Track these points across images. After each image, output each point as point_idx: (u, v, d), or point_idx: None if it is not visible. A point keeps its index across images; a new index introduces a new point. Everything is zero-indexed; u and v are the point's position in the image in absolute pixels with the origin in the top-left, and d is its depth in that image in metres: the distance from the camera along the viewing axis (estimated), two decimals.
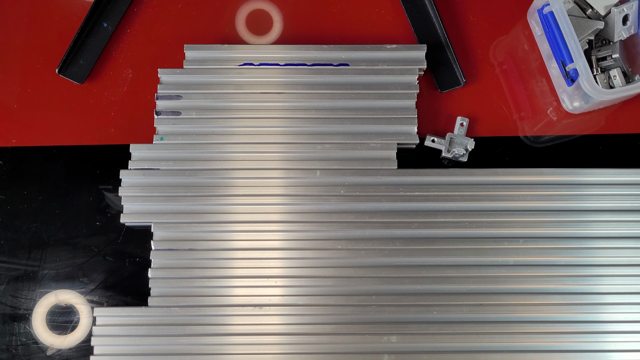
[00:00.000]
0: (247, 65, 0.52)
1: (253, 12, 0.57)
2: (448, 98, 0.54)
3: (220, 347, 0.47)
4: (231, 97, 0.52)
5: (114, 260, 0.51)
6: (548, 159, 0.53)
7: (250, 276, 0.48)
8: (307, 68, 0.52)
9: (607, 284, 0.49)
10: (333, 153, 0.51)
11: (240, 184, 0.50)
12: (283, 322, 0.48)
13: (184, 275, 0.48)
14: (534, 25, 0.55)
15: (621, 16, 0.51)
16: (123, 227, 0.51)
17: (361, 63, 0.52)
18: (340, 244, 0.49)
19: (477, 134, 0.54)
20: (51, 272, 0.50)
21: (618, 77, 0.51)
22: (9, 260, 0.51)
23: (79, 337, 0.49)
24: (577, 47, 0.49)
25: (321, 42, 0.55)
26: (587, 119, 0.54)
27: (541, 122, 0.54)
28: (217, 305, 0.48)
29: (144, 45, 0.55)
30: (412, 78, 0.52)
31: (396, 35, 0.56)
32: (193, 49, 0.52)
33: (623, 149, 0.54)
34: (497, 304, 0.48)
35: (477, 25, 0.56)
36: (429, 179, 0.50)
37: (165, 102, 0.51)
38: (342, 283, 0.48)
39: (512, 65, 0.55)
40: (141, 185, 0.50)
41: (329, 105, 0.51)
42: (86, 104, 0.54)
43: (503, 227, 0.49)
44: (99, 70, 0.55)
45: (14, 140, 0.53)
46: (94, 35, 0.55)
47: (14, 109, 0.54)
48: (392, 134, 0.51)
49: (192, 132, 0.51)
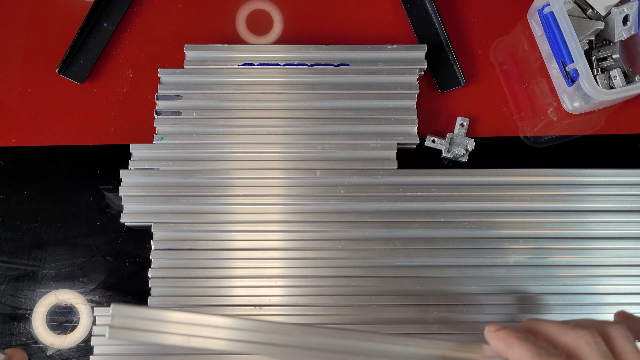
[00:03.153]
0: (248, 65, 0.52)
1: (253, 12, 0.57)
2: (448, 98, 0.54)
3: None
4: (231, 97, 0.52)
5: (114, 260, 0.51)
6: (548, 159, 0.53)
7: (250, 276, 0.48)
8: (307, 68, 0.52)
9: (607, 285, 0.49)
10: (333, 153, 0.51)
11: (240, 184, 0.50)
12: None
13: (184, 275, 0.48)
14: (534, 26, 0.55)
15: (621, 16, 0.51)
16: (123, 227, 0.51)
17: (361, 63, 0.52)
18: (340, 244, 0.49)
19: (478, 134, 0.54)
20: (51, 272, 0.50)
21: (618, 77, 0.51)
22: (9, 260, 0.51)
23: (79, 337, 0.49)
24: (577, 48, 0.49)
25: (321, 42, 0.55)
26: (587, 119, 0.54)
27: (541, 123, 0.54)
28: (217, 305, 0.48)
29: (144, 45, 0.55)
30: (412, 78, 0.52)
31: (396, 35, 0.56)
32: (193, 49, 0.52)
33: (623, 149, 0.54)
34: (497, 304, 0.48)
35: (477, 25, 0.56)
36: (429, 179, 0.50)
37: (165, 102, 0.51)
38: (342, 283, 0.48)
39: (513, 66, 0.55)
40: (141, 185, 0.50)
41: (329, 106, 0.51)
42: (86, 104, 0.54)
43: (503, 227, 0.49)
44: (99, 70, 0.55)
45: (14, 140, 0.53)
46: (94, 35, 0.55)
47: (14, 108, 0.54)
48: (392, 134, 0.51)
49: (193, 132, 0.51)
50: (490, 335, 0.38)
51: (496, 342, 0.37)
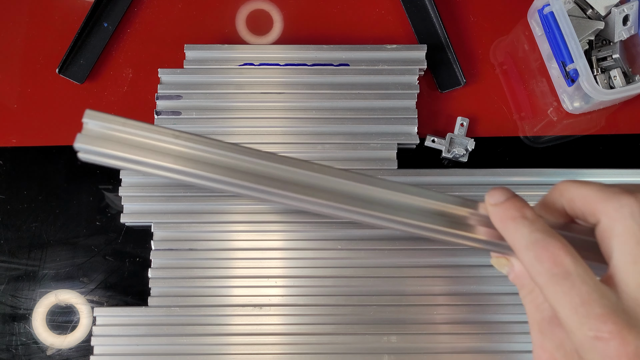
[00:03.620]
0: (248, 65, 0.52)
1: (253, 12, 0.57)
2: (448, 98, 0.54)
3: (220, 347, 0.47)
4: (231, 97, 0.52)
5: (114, 260, 0.51)
6: (548, 160, 0.53)
7: (250, 276, 0.48)
8: (307, 68, 0.52)
9: None
10: (333, 153, 0.51)
11: None
12: (283, 322, 0.48)
13: (184, 275, 0.48)
14: (534, 26, 0.55)
15: (621, 16, 0.51)
16: (123, 227, 0.51)
17: (361, 63, 0.52)
18: (341, 244, 0.49)
19: (478, 134, 0.54)
20: (51, 272, 0.50)
21: (618, 77, 0.51)
22: (9, 260, 0.51)
23: (79, 337, 0.49)
24: (577, 48, 0.49)
25: (321, 42, 0.55)
26: (587, 119, 0.54)
27: (541, 123, 0.54)
28: (217, 305, 0.48)
29: (144, 45, 0.55)
30: (412, 78, 0.52)
31: (396, 35, 0.56)
32: (193, 48, 0.52)
33: (623, 149, 0.54)
34: (498, 304, 0.48)
35: (477, 25, 0.56)
36: (429, 179, 0.50)
37: (165, 102, 0.51)
38: (342, 283, 0.48)
39: (513, 66, 0.55)
40: (141, 185, 0.50)
41: (329, 106, 0.51)
42: (86, 104, 0.54)
43: None
44: (99, 70, 0.55)
45: (14, 140, 0.53)
46: (94, 35, 0.55)
47: (14, 108, 0.54)
48: (392, 134, 0.51)
49: (192, 132, 0.50)
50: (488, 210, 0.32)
51: (493, 220, 0.32)
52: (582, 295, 0.27)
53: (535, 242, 0.29)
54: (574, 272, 0.27)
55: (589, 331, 0.26)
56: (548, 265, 0.28)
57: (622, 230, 0.28)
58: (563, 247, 0.28)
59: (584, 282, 0.27)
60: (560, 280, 0.27)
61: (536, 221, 0.30)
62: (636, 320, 0.26)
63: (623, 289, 0.27)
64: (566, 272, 0.27)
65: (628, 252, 0.27)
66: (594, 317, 0.26)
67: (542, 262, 0.28)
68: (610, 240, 0.28)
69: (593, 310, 0.26)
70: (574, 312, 0.27)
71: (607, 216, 0.28)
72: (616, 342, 0.25)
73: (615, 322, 0.26)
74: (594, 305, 0.26)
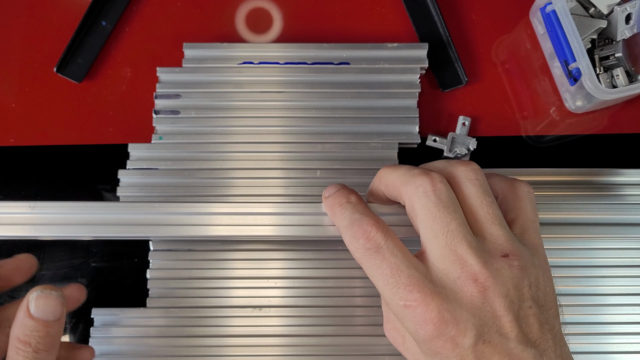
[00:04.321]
0: (247, 63, 0.52)
1: (253, 10, 0.56)
2: (450, 97, 0.54)
3: (219, 348, 0.47)
4: (231, 96, 0.51)
5: (113, 261, 0.50)
6: (550, 159, 0.53)
7: (249, 277, 0.48)
8: (307, 67, 0.52)
9: (608, 285, 0.49)
10: (333, 153, 0.50)
11: (240, 184, 0.49)
12: (283, 323, 0.47)
13: (183, 276, 0.48)
14: (536, 24, 0.55)
15: (624, 15, 0.50)
16: None
17: (362, 62, 0.52)
18: (341, 244, 0.48)
19: (479, 134, 0.53)
20: (49, 273, 0.50)
21: (621, 76, 0.51)
22: None
23: (77, 339, 0.49)
24: (579, 46, 0.48)
25: (322, 40, 0.55)
26: (589, 118, 0.54)
27: (544, 122, 0.54)
28: (216, 307, 0.47)
29: (142, 43, 0.55)
30: (413, 77, 0.52)
31: (397, 33, 0.56)
32: (192, 47, 0.52)
33: (626, 148, 0.53)
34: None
35: (479, 24, 0.56)
36: None
37: (164, 101, 0.51)
38: (343, 284, 0.48)
39: (515, 65, 0.55)
40: (140, 185, 0.49)
41: (330, 105, 0.51)
42: (84, 103, 0.53)
43: None
44: (97, 69, 0.54)
45: (12, 140, 0.53)
46: (92, 34, 0.54)
47: (12, 108, 0.53)
48: (393, 133, 0.51)
49: (192, 131, 0.50)
50: (323, 202, 0.36)
51: (326, 209, 0.35)
52: (391, 266, 0.29)
53: (353, 222, 0.31)
54: (384, 246, 0.30)
55: (400, 300, 0.29)
56: (362, 241, 0.30)
57: (420, 208, 0.30)
58: (375, 224, 0.30)
59: (393, 254, 0.30)
60: (373, 254, 0.30)
61: (358, 204, 0.33)
62: (442, 287, 0.29)
63: (431, 260, 0.30)
64: (377, 246, 0.30)
65: (428, 227, 0.30)
66: (403, 287, 0.29)
67: (357, 239, 0.31)
68: (415, 218, 0.31)
69: (401, 281, 0.29)
70: (386, 284, 0.29)
71: (407, 197, 0.31)
72: (421, 309, 0.28)
73: (421, 290, 0.28)
74: (402, 276, 0.29)
